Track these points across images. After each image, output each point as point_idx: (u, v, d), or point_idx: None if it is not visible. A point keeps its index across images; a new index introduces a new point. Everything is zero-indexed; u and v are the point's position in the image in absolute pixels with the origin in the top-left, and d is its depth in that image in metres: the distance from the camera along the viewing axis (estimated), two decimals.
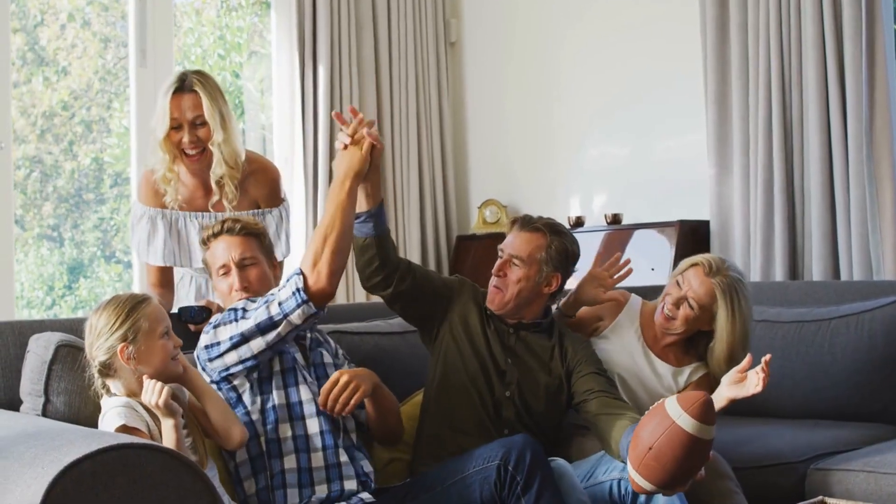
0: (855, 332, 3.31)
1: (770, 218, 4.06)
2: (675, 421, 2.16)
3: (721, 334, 2.73)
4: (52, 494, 1.65)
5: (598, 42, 4.81)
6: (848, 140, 3.87)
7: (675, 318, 2.77)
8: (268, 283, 2.56)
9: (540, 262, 2.63)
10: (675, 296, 2.77)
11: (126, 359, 2.17)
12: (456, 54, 5.31)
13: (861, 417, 3.25)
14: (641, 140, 4.68)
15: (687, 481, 2.23)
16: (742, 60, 4.15)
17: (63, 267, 4.58)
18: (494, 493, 2.25)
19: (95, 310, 2.24)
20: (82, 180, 4.57)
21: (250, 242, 2.56)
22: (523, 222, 2.68)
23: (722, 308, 2.72)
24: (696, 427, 2.14)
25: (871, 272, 3.80)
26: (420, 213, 4.98)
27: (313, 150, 4.62)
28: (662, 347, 2.87)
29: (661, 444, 2.16)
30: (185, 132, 2.82)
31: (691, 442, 2.15)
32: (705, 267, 2.76)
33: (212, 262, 2.60)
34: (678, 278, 2.80)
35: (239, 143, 2.89)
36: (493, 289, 2.66)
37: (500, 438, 2.39)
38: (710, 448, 2.21)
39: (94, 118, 4.64)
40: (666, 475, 2.18)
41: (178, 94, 2.81)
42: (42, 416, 2.32)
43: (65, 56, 4.53)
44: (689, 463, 2.18)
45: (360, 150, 2.44)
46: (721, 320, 2.73)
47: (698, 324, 2.78)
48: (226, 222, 2.55)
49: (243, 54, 5.00)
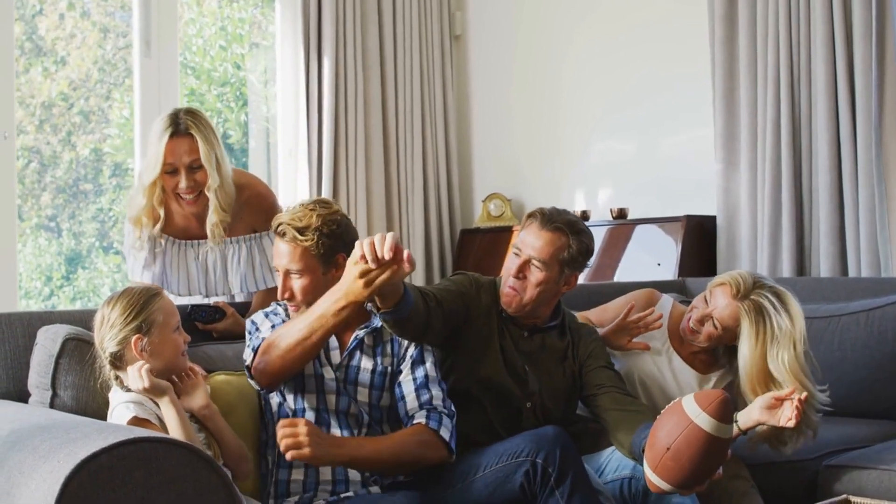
0: (865, 328, 3.30)
1: (778, 214, 4.04)
2: (693, 420, 2.13)
3: (743, 360, 2.66)
4: (68, 488, 1.62)
5: (606, 36, 4.79)
6: (857, 137, 3.85)
7: (699, 332, 2.74)
8: (319, 294, 2.36)
9: (561, 263, 2.51)
10: (701, 313, 2.73)
11: (139, 351, 2.15)
12: (461, 47, 5.29)
13: (871, 415, 3.24)
14: (648, 135, 4.66)
15: (705, 481, 2.20)
16: (750, 56, 4.14)
17: (61, 258, 4.55)
18: (526, 487, 2.23)
19: (108, 301, 2.22)
20: (80, 171, 4.54)
21: (296, 251, 2.40)
22: (543, 220, 2.53)
23: (746, 332, 2.65)
24: (715, 426, 2.12)
25: (879, 269, 3.79)
26: (424, 206, 4.97)
27: (318, 143, 4.61)
28: (689, 353, 2.84)
29: (679, 444, 2.13)
30: (182, 177, 2.76)
31: (710, 441, 2.12)
32: (732, 288, 2.69)
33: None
34: (706, 294, 2.75)
35: (230, 182, 2.83)
36: (509, 290, 2.55)
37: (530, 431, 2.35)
38: (728, 447, 2.19)
39: (93, 108, 4.60)
40: (684, 475, 2.16)
41: (173, 137, 2.74)
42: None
43: (63, 46, 4.50)
44: (707, 462, 2.15)
45: (378, 278, 2.10)
46: (743, 347, 2.66)
47: (722, 342, 2.76)
48: (280, 225, 2.40)
49: (245, 45, 4.97)
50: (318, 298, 2.31)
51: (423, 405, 2.38)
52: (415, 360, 2.44)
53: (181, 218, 2.90)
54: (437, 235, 5.02)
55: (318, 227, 2.37)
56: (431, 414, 2.36)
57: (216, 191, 2.76)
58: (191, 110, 2.80)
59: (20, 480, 1.70)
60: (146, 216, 2.80)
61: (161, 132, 2.74)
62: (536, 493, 2.24)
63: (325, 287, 2.34)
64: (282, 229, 2.39)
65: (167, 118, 2.76)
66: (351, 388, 2.41)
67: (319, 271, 2.41)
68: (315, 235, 2.37)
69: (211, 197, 2.77)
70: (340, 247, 2.41)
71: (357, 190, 4.71)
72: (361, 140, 4.75)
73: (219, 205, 2.78)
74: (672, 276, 4.12)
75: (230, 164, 2.88)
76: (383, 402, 2.43)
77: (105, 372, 2.22)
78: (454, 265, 4.94)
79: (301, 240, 2.36)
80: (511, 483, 2.25)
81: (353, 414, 2.39)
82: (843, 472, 2.76)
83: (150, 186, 2.77)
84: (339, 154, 4.67)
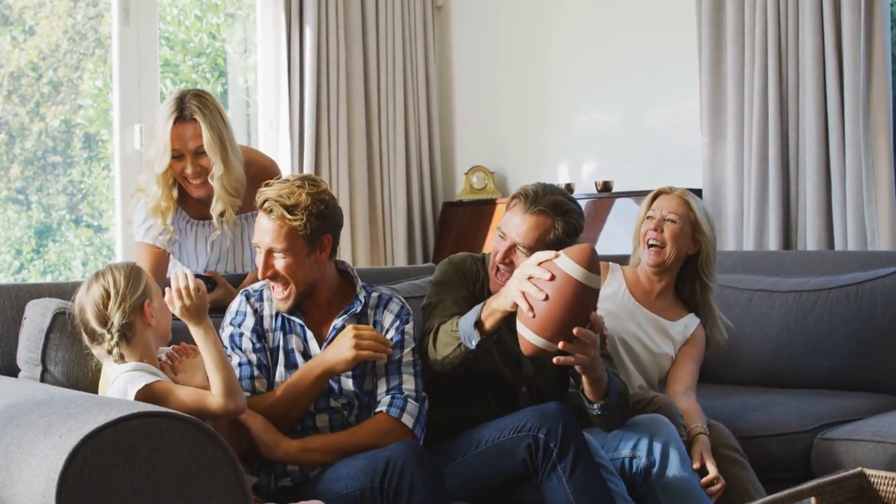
0: (854, 302, 3.30)
1: (764, 187, 4.03)
2: (565, 271, 2.16)
3: (707, 238, 2.91)
4: (73, 464, 1.59)
5: (591, 5, 4.75)
6: (844, 110, 3.84)
7: (663, 244, 2.88)
8: (302, 273, 2.35)
9: (547, 245, 2.45)
10: (655, 223, 2.89)
11: (150, 316, 2.16)
12: (443, 18, 5.24)
13: (860, 388, 3.25)
14: (633, 107, 4.63)
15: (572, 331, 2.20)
16: (738, 27, 4.11)
17: (31, 231, 4.47)
18: (528, 462, 2.22)
19: (96, 278, 2.19)
20: (49, 142, 4.45)
21: (282, 230, 2.33)
22: (527, 202, 2.48)
23: (698, 212, 2.91)
24: (584, 275, 2.16)
25: (865, 243, 3.79)
26: (406, 178, 4.94)
27: (299, 114, 4.57)
28: (654, 300, 2.95)
29: (553, 294, 2.16)
30: (188, 163, 2.72)
31: (580, 289, 2.16)
32: (666, 190, 2.97)
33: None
34: (647, 213, 2.94)
35: (239, 166, 2.77)
36: (497, 276, 2.52)
37: (532, 406, 2.33)
38: (594, 297, 2.23)
39: (63, 79, 4.50)
40: (556, 324, 2.17)
41: (178, 123, 2.69)
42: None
43: (32, 15, 4.39)
44: (576, 311, 2.18)
45: (356, 354, 2.28)
46: (702, 222, 2.90)
47: (684, 239, 2.89)
48: (267, 201, 2.33)
49: (220, 15, 4.89)
50: (301, 278, 2.32)
51: (389, 390, 2.36)
52: (394, 345, 2.40)
53: (195, 199, 2.85)
54: (420, 208, 4.98)
55: (307, 205, 2.29)
56: (395, 399, 2.34)
57: (220, 178, 2.70)
58: (197, 93, 2.72)
59: (19, 456, 1.67)
60: (164, 201, 2.75)
61: (166, 118, 2.69)
62: (538, 468, 2.23)
63: (308, 268, 2.32)
64: (269, 206, 2.29)
65: (173, 102, 2.70)
66: (334, 382, 2.37)
67: (304, 252, 2.32)
68: (304, 215, 2.29)
69: (215, 185, 2.72)
70: (327, 228, 2.35)
71: (339, 162, 4.67)
72: (343, 111, 4.70)
73: (224, 192, 2.72)
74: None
75: (238, 147, 2.82)
76: (367, 386, 2.40)
77: (102, 349, 2.17)
78: (436, 238, 4.92)
79: (290, 219, 2.28)
80: (512, 457, 2.25)
81: (336, 406, 2.37)
82: (838, 444, 2.77)
83: (162, 175, 2.72)
84: (320, 125, 4.62)
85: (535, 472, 2.24)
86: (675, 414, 2.58)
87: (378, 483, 2.09)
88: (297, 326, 2.40)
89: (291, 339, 2.39)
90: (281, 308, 2.37)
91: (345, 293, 2.45)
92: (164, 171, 2.70)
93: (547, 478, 2.23)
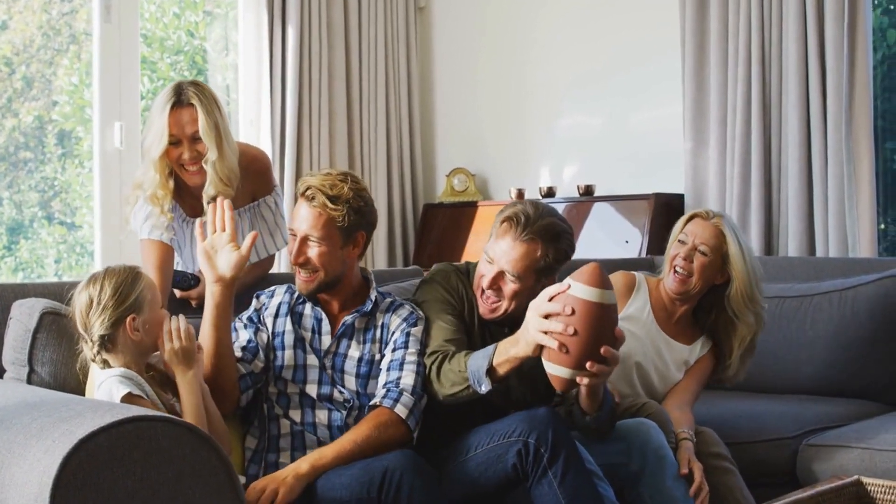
0: (837, 308, 3.32)
1: (746, 193, 4.05)
2: (584, 299, 2.12)
3: (738, 273, 2.76)
4: (66, 468, 1.56)
5: (574, 8, 4.76)
6: (827, 117, 3.86)
7: (690, 274, 2.78)
8: (333, 265, 2.38)
9: (537, 272, 2.43)
10: (685, 251, 2.78)
11: (133, 331, 2.11)
12: (425, 19, 5.23)
13: (843, 394, 3.26)
14: (616, 111, 4.64)
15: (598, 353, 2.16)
16: (721, 32, 4.12)
17: (2, 228, 4.42)
18: (518, 467, 2.21)
19: (89, 282, 2.14)
20: (21, 139, 4.39)
21: (321, 219, 2.36)
22: (517, 229, 2.42)
23: (732, 245, 2.77)
24: (598, 294, 2.12)
25: (846, 249, 3.81)
26: (387, 179, 4.94)
27: (281, 113, 4.56)
28: (674, 324, 2.87)
29: (581, 324, 2.11)
30: (185, 148, 2.71)
31: (598, 309, 2.12)
32: (702, 214, 2.83)
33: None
34: (679, 237, 2.82)
35: (234, 157, 2.77)
36: (485, 301, 2.49)
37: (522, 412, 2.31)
38: (614, 313, 2.18)
39: (36, 75, 4.44)
40: (581, 351, 2.13)
41: (175, 108, 2.69)
42: None
43: (5, 10, 4.34)
44: (600, 332, 2.14)
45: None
46: (735, 257, 2.76)
47: (713, 271, 2.79)
48: (310, 189, 2.36)
49: (199, 13, 4.85)
50: (331, 269, 2.35)
51: (387, 383, 2.37)
52: (397, 345, 2.42)
53: (189, 195, 2.84)
54: (400, 210, 4.98)
55: (348, 198, 2.35)
56: (390, 392, 2.34)
57: (214, 163, 2.69)
58: (195, 82, 2.74)
59: (11, 461, 1.64)
60: (161, 188, 2.73)
61: (164, 104, 2.68)
62: (529, 473, 2.22)
63: (339, 260, 2.35)
64: (311, 193, 2.35)
65: (171, 89, 2.71)
66: (338, 376, 2.39)
67: (339, 244, 2.37)
68: (345, 207, 2.34)
69: (208, 170, 2.70)
70: (363, 225, 2.41)
71: (320, 162, 4.66)
72: (325, 111, 4.70)
73: (217, 178, 2.71)
74: (638, 254, 4.11)
75: (233, 140, 2.82)
76: (370, 388, 2.41)
77: (87, 353, 2.15)
78: (417, 240, 4.90)
79: (331, 208, 2.33)
80: (503, 463, 2.23)
81: (338, 400, 2.38)
82: (823, 451, 2.78)
83: (159, 160, 2.70)
84: (302, 125, 4.62)
85: (525, 478, 2.23)
86: (665, 421, 2.57)
87: (376, 493, 2.08)
88: (308, 319, 2.44)
89: (299, 329, 2.43)
90: (302, 290, 2.40)
91: (361, 297, 2.49)
92: (161, 156, 2.69)
93: (537, 483, 2.21)
